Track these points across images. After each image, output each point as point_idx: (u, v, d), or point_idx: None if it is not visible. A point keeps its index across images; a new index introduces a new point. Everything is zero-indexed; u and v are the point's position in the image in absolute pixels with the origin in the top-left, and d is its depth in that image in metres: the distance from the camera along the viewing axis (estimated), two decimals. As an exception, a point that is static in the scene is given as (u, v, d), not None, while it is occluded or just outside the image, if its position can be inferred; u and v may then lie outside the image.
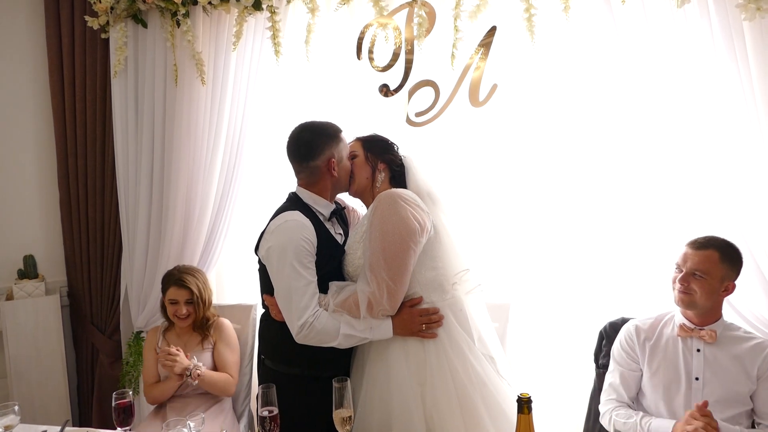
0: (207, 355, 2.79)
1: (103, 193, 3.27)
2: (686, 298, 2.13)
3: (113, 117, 3.12)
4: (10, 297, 3.23)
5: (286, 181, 2.49)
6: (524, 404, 1.63)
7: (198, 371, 2.64)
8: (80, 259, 3.34)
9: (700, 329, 2.17)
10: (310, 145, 2.16)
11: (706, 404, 1.98)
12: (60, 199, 3.33)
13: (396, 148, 2.29)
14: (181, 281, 2.75)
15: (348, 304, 2.03)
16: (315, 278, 2.05)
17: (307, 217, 2.09)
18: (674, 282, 2.18)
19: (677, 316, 2.24)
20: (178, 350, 2.65)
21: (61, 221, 3.35)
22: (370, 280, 2.01)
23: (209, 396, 2.79)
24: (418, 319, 2.06)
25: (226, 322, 2.88)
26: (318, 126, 2.21)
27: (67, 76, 3.20)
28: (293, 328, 2.01)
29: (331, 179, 2.19)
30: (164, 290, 2.80)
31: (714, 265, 2.11)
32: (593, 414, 2.50)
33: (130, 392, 2.09)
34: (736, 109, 2.42)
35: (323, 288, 2.09)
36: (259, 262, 2.19)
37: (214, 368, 2.79)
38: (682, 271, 2.15)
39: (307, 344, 2.04)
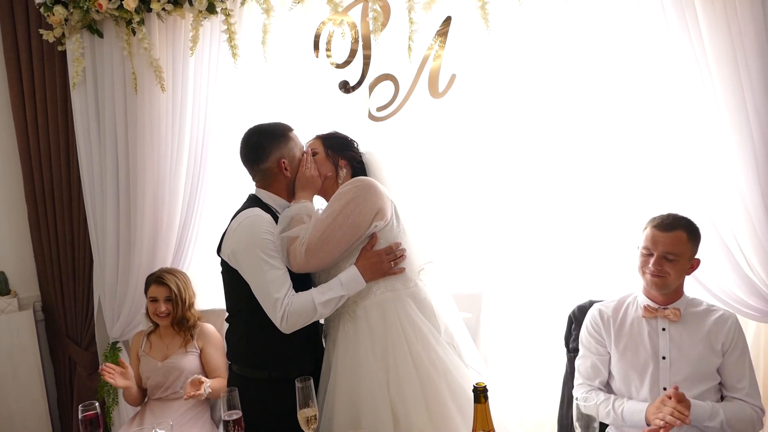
0: (191, 358, 2.81)
1: (70, 205, 3.25)
2: (660, 282, 2.11)
3: (75, 128, 3.10)
4: (-18, 315, 3.22)
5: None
6: (480, 393, 1.62)
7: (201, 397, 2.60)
8: (52, 272, 3.32)
9: (664, 308, 2.16)
10: (258, 148, 2.16)
11: (676, 388, 1.98)
12: (28, 214, 3.32)
13: (356, 145, 2.29)
14: (160, 278, 2.83)
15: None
16: (285, 266, 2.05)
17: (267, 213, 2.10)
18: (644, 266, 2.15)
19: (640, 296, 2.24)
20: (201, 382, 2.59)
21: (31, 236, 3.34)
22: (310, 227, 2.02)
23: (189, 401, 2.78)
24: (385, 258, 2.06)
25: (210, 326, 2.91)
26: (265, 128, 2.20)
27: (27, 90, 3.18)
28: (276, 321, 2.01)
29: (285, 180, 2.19)
30: (145, 291, 2.86)
31: (684, 245, 2.11)
32: (566, 399, 2.51)
33: (97, 404, 2.06)
34: (693, 87, 2.44)
35: None
36: (222, 263, 2.19)
37: (202, 371, 2.81)
38: (651, 254, 2.12)
39: (296, 329, 2.02)
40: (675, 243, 2.09)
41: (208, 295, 3.14)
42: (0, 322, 3.18)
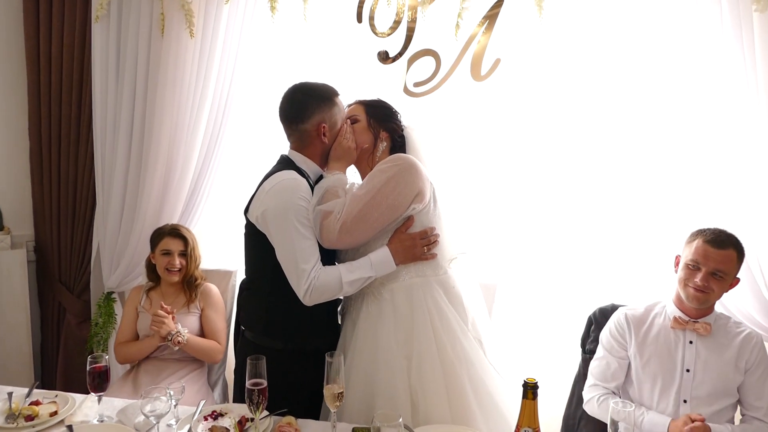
0: (192, 319, 2.70)
1: (78, 143, 3.09)
2: (702, 297, 2.08)
3: (92, 65, 2.94)
4: (-28, 248, 3.06)
5: (275, 143, 2.37)
6: (529, 389, 1.59)
7: (179, 338, 2.55)
8: (50, 212, 3.17)
9: (695, 321, 2.15)
10: (301, 107, 2.05)
11: (702, 420, 1.98)
12: (30, 148, 3.15)
13: (399, 117, 2.20)
14: (176, 230, 2.72)
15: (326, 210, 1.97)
16: (315, 237, 1.97)
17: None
18: (688, 279, 2.11)
19: (669, 307, 2.22)
20: (169, 312, 2.57)
21: (30, 171, 3.17)
22: (346, 203, 1.94)
23: (186, 362, 2.71)
24: (419, 242, 1.99)
25: (213, 287, 2.81)
26: (312, 88, 2.09)
27: (43, 18, 3.00)
28: (300, 293, 1.93)
29: (321, 145, 2.09)
30: (155, 244, 2.71)
31: (733, 264, 2.09)
32: (576, 399, 2.50)
33: (106, 356, 1.99)
34: (738, 97, 2.40)
35: None
36: (247, 226, 2.09)
37: (201, 333, 2.71)
38: (698, 269, 2.08)
39: (317, 303, 1.96)
40: (726, 261, 2.06)
41: (214, 255, 3.04)
42: (-11, 257, 3.03)
